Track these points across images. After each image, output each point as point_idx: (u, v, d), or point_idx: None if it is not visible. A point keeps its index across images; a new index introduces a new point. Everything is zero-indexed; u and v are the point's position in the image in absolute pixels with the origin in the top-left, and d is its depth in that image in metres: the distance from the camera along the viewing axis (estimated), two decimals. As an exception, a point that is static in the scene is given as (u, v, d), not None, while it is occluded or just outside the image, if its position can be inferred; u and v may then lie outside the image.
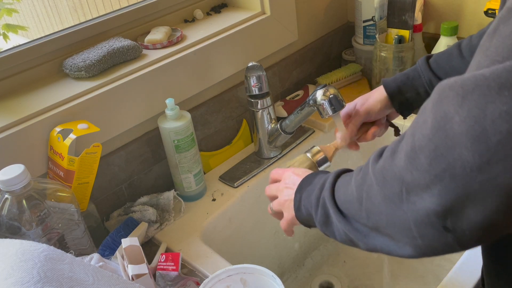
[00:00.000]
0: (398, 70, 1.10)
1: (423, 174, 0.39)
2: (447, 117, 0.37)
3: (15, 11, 1.81)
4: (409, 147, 0.40)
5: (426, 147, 0.38)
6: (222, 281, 0.69)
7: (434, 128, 0.38)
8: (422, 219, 0.40)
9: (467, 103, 0.36)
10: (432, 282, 1.14)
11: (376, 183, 0.45)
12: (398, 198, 0.42)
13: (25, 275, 0.52)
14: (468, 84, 0.37)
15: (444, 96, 0.38)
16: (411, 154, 0.40)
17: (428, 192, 0.38)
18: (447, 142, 0.37)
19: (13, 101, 0.85)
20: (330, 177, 0.57)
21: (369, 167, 0.47)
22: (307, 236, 1.22)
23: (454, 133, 0.36)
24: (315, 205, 0.58)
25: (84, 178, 0.80)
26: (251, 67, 0.97)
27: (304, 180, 0.64)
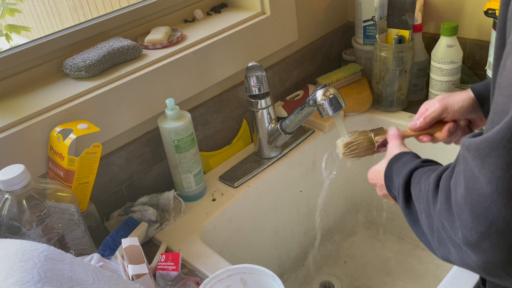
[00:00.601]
0: (398, 70, 1.10)
1: (471, 231, 0.41)
2: (474, 178, 0.39)
3: (18, 11, 1.81)
4: (454, 201, 0.43)
5: (464, 206, 0.41)
6: (222, 281, 0.69)
7: (466, 188, 0.40)
8: (484, 268, 0.42)
9: (487, 166, 0.38)
10: (432, 282, 1.14)
11: (439, 226, 0.47)
12: (458, 247, 0.44)
13: (25, 275, 0.52)
14: (483, 148, 0.39)
15: (467, 156, 0.41)
16: (457, 210, 0.42)
17: (481, 247, 0.41)
18: (482, 203, 0.39)
19: (13, 101, 0.85)
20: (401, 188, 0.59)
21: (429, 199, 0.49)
22: (307, 236, 1.22)
23: (485, 194, 0.38)
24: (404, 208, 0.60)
25: (84, 178, 0.80)
26: (251, 67, 0.97)
27: (387, 179, 0.67)
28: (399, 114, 1.17)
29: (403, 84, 1.13)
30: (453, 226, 0.43)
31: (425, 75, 1.18)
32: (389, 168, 0.66)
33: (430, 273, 1.16)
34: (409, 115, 1.15)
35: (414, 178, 0.58)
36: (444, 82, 1.09)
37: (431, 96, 1.13)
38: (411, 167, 0.60)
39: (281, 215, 1.11)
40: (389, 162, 0.67)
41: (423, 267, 1.18)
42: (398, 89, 1.14)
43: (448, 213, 0.44)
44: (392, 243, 1.26)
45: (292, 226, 1.16)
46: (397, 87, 1.13)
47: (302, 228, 1.19)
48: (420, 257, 1.21)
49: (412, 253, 1.22)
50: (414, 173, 0.58)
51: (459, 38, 1.08)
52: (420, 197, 0.53)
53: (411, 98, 1.20)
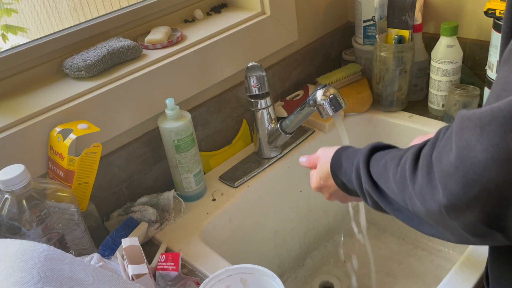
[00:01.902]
0: (398, 70, 1.10)
1: (459, 198, 0.43)
2: (469, 146, 0.41)
3: (15, 11, 1.81)
4: (439, 173, 0.44)
5: (455, 175, 0.42)
6: (222, 281, 0.69)
7: (459, 157, 0.42)
8: (470, 228, 0.44)
9: (486, 134, 0.40)
10: (432, 282, 1.14)
11: (417, 200, 0.48)
12: (440, 215, 0.46)
13: (25, 275, 0.52)
14: (485, 116, 0.40)
15: (464, 126, 0.42)
16: (442, 181, 0.44)
17: (470, 210, 0.43)
18: (475, 169, 0.41)
19: (13, 101, 0.85)
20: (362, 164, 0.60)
21: (406, 175, 0.50)
22: (307, 236, 1.22)
23: (479, 160, 0.40)
24: (361, 194, 0.62)
25: (84, 178, 0.80)
26: (251, 67, 0.97)
27: (333, 165, 0.68)
28: (399, 114, 1.17)
29: (403, 84, 1.13)
30: (434, 197, 0.45)
31: (425, 75, 1.18)
32: (336, 156, 0.68)
33: (430, 273, 1.16)
34: (409, 115, 1.15)
35: (374, 158, 0.60)
36: (444, 82, 1.09)
37: (431, 96, 1.13)
38: (368, 149, 0.62)
39: (281, 215, 1.11)
40: (336, 151, 0.69)
41: (423, 267, 1.18)
42: (398, 89, 1.14)
43: (430, 185, 0.46)
44: (392, 243, 1.26)
45: (292, 226, 1.16)
46: (397, 87, 1.13)
47: (302, 228, 1.19)
48: (420, 257, 1.21)
49: (412, 253, 1.22)
50: (375, 154, 0.60)
51: (459, 38, 1.08)
52: (385, 174, 0.55)
53: (411, 98, 1.20)
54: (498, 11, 0.93)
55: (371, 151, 0.61)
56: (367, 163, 0.60)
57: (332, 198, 0.75)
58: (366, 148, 0.62)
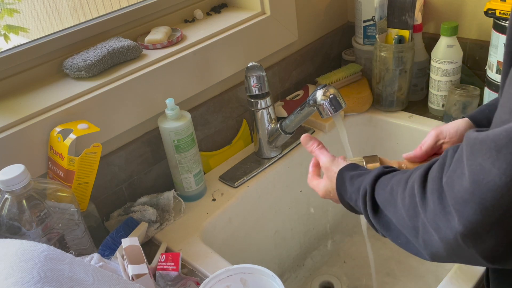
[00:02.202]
0: (398, 70, 1.10)
1: (477, 225, 0.41)
2: (484, 171, 0.40)
3: (17, 11, 1.81)
4: (453, 200, 0.43)
5: (471, 201, 0.41)
6: (222, 281, 0.69)
7: (474, 182, 0.40)
8: (489, 254, 0.43)
9: (503, 157, 0.38)
10: (432, 282, 1.14)
11: (432, 228, 0.47)
12: (456, 244, 0.44)
13: (25, 275, 0.52)
14: (501, 139, 0.39)
15: (476, 149, 0.41)
16: (457, 207, 0.42)
17: (489, 236, 0.41)
18: (494, 194, 0.39)
19: (13, 101, 0.85)
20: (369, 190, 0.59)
21: (416, 201, 0.48)
22: (307, 236, 1.22)
23: (497, 185, 0.39)
24: (368, 221, 0.61)
25: (84, 178, 0.80)
26: (251, 67, 0.97)
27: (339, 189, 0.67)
28: (399, 114, 1.17)
29: (403, 84, 1.13)
30: (449, 225, 0.44)
31: (425, 75, 1.18)
32: (340, 178, 0.67)
33: (430, 273, 1.16)
34: (409, 115, 1.15)
35: (379, 184, 0.58)
36: (444, 82, 1.09)
37: (431, 96, 1.13)
38: (374, 173, 0.60)
39: (281, 215, 1.11)
40: (339, 172, 0.67)
41: (423, 267, 1.18)
42: (398, 89, 1.14)
43: (444, 212, 0.44)
44: (392, 243, 1.25)
45: (292, 226, 1.16)
46: (397, 87, 1.13)
47: (302, 228, 1.19)
48: (420, 257, 1.21)
49: (412, 253, 1.22)
50: (380, 179, 0.58)
51: (459, 38, 1.08)
52: (392, 201, 0.54)
53: (411, 98, 1.20)
54: (498, 11, 0.93)
55: (376, 178, 0.59)
56: (372, 193, 0.58)
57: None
58: (371, 176, 0.60)
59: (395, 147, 1.18)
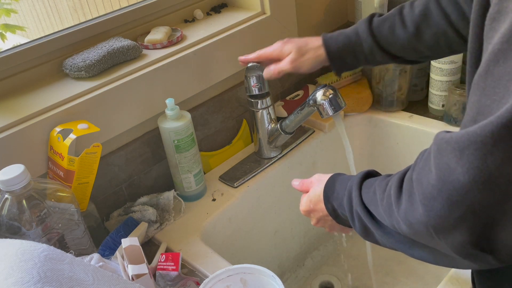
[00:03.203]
0: (398, 70, 1.10)
1: (445, 219, 0.44)
2: (450, 169, 0.43)
3: (14, 11, 1.81)
4: (421, 195, 0.45)
5: (438, 197, 0.43)
6: (222, 281, 0.69)
7: (440, 180, 0.43)
8: (458, 249, 0.45)
9: (466, 157, 0.41)
10: (432, 282, 1.14)
11: (404, 224, 0.49)
12: (429, 237, 0.47)
13: (25, 275, 0.52)
14: (463, 141, 0.42)
15: (442, 149, 0.44)
16: (425, 202, 0.45)
17: (457, 230, 0.43)
18: (458, 191, 0.42)
19: (13, 101, 0.85)
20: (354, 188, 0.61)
21: (392, 201, 0.51)
22: (307, 236, 1.22)
23: (461, 183, 0.42)
24: (350, 217, 0.62)
25: (84, 178, 0.80)
26: (251, 67, 0.97)
27: (327, 189, 0.68)
28: (399, 114, 1.17)
29: (403, 84, 1.13)
30: (420, 220, 0.46)
31: (425, 75, 1.18)
32: (331, 180, 0.69)
33: (430, 273, 1.16)
34: (409, 115, 1.15)
35: (366, 184, 0.61)
36: (444, 82, 1.09)
37: (431, 96, 1.13)
38: (362, 174, 0.63)
39: (281, 215, 1.11)
40: (331, 176, 0.70)
41: (423, 267, 1.18)
42: (398, 89, 1.14)
43: (412, 208, 0.47)
44: (392, 243, 1.26)
45: (292, 226, 1.16)
46: (397, 87, 1.13)
47: (302, 228, 1.19)
48: (420, 257, 1.21)
49: (412, 253, 1.22)
50: (366, 181, 0.61)
51: (459, 38, 1.08)
52: (374, 200, 0.56)
53: (411, 98, 1.20)
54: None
55: (364, 177, 0.62)
56: (359, 188, 0.61)
57: (319, 224, 0.75)
58: (359, 174, 0.63)
59: (395, 147, 1.18)
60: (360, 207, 0.59)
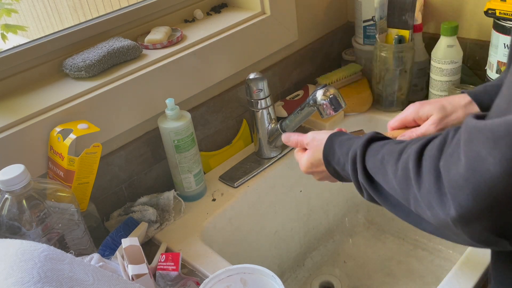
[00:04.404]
0: (398, 70, 1.10)
1: (469, 210, 0.42)
2: (480, 159, 0.40)
3: (15, 11, 1.81)
4: (448, 182, 0.44)
5: (465, 187, 0.42)
6: (222, 281, 0.69)
7: (469, 169, 0.41)
8: (476, 237, 0.44)
9: (499, 147, 0.39)
10: (432, 282, 1.14)
11: (425, 206, 0.47)
12: (446, 224, 0.45)
13: (25, 275, 0.52)
14: (499, 130, 0.39)
15: (473, 137, 0.41)
16: (451, 191, 0.43)
17: (479, 221, 0.42)
18: (487, 182, 0.40)
19: (13, 101, 0.85)
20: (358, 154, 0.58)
21: (410, 175, 0.49)
22: (307, 236, 1.22)
23: (491, 174, 0.40)
24: (357, 186, 0.60)
25: (84, 178, 0.80)
26: (253, 79, 0.97)
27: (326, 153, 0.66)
28: (399, 114, 1.16)
29: (403, 84, 1.13)
30: (443, 207, 0.45)
31: (425, 75, 1.18)
32: (329, 142, 0.66)
33: (430, 273, 1.16)
34: (409, 115, 1.15)
35: (370, 149, 0.58)
36: (444, 82, 1.09)
37: (431, 96, 1.13)
38: (365, 138, 0.59)
39: (281, 215, 1.11)
40: (329, 137, 0.67)
41: (423, 267, 1.18)
42: (398, 89, 1.14)
43: (439, 193, 0.45)
44: (392, 243, 1.26)
45: (292, 226, 1.16)
46: (397, 87, 1.13)
47: (302, 228, 1.19)
48: (420, 257, 1.21)
49: (412, 253, 1.22)
50: (371, 145, 0.58)
51: (459, 38, 1.08)
52: (382, 170, 0.54)
53: (411, 98, 1.20)
54: (498, 11, 0.93)
55: (367, 142, 0.59)
56: (363, 156, 0.58)
57: (323, 179, 0.73)
58: (362, 139, 0.60)
59: (395, 147, 1.17)
60: (364, 178, 0.57)
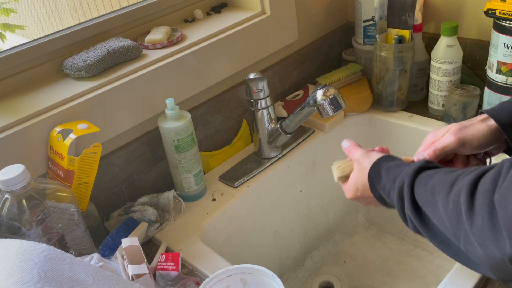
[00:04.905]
0: (398, 70, 1.10)
1: None
2: None
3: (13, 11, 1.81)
4: (504, 220, 0.41)
5: None
6: (222, 281, 0.69)
7: None
8: None
9: None
10: (432, 282, 1.14)
11: (476, 242, 0.45)
12: (502, 263, 0.43)
13: (25, 275, 0.52)
14: None
15: None
16: (508, 229, 0.40)
17: None
18: None
19: (13, 101, 0.85)
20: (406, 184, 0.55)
21: (461, 210, 0.46)
22: (307, 236, 1.22)
23: None
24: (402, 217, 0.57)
25: (84, 178, 0.80)
26: (253, 79, 0.97)
27: (371, 177, 0.63)
28: (399, 114, 1.17)
29: (403, 84, 1.13)
30: (499, 245, 0.42)
31: (425, 75, 1.18)
32: (376, 166, 0.63)
33: (430, 273, 1.16)
34: (409, 115, 1.15)
35: (419, 180, 0.54)
36: (444, 82, 1.09)
37: (431, 96, 1.13)
38: (415, 168, 0.56)
39: (281, 215, 1.11)
40: (375, 161, 0.64)
41: (423, 267, 1.18)
42: (398, 89, 1.14)
43: (493, 230, 0.42)
44: (392, 243, 1.26)
45: (292, 226, 1.16)
46: (397, 87, 1.13)
47: (302, 228, 1.19)
48: (420, 257, 1.21)
49: (412, 253, 1.22)
50: (421, 174, 0.55)
51: (459, 38, 1.08)
52: (433, 201, 0.50)
53: (411, 98, 1.20)
54: (498, 11, 0.93)
55: (417, 172, 0.55)
56: (411, 186, 0.54)
57: (370, 205, 0.70)
58: (412, 168, 0.56)
59: (395, 147, 1.17)
60: (412, 210, 0.53)
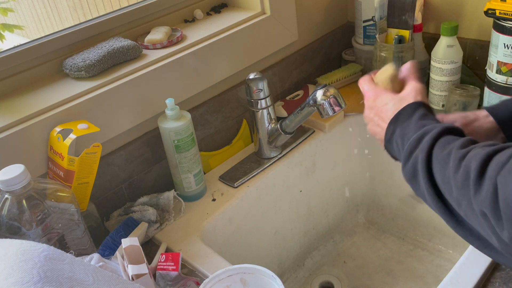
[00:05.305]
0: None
1: None
2: None
3: (11, 10, 1.81)
4: (501, 201, 0.41)
5: None
6: (222, 281, 0.69)
7: None
8: None
9: None
10: (432, 282, 1.14)
11: (476, 209, 0.45)
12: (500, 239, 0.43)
13: (25, 275, 0.52)
14: None
15: None
16: (505, 210, 0.41)
17: None
18: None
19: (13, 101, 0.85)
20: (430, 135, 0.55)
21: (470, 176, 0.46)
22: (307, 236, 1.22)
23: None
24: (406, 156, 0.57)
25: (84, 178, 0.80)
26: (253, 79, 0.97)
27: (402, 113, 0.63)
28: (399, 114, 1.16)
29: (403, 84, 1.13)
30: (498, 223, 0.42)
31: (425, 75, 1.18)
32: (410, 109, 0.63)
33: (430, 273, 1.16)
34: (409, 115, 1.15)
35: (442, 140, 0.54)
36: (444, 82, 1.09)
37: (431, 96, 1.13)
38: (443, 128, 0.55)
39: (281, 215, 1.11)
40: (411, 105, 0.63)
41: (423, 267, 1.18)
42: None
43: (494, 208, 0.43)
44: (392, 243, 1.26)
45: (292, 226, 1.16)
46: (397, 87, 1.13)
47: (302, 228, 1.19)
48: (420, 257, 1.21)
49: (412, 253, 1.22)
50: (444, 137, 0.54)
51: (459, 38, 1.08)
52: (444, 162, 0.50)
53: (411, 98, 1.20)
54: (498, 11, 0.93)
55: (444, 132, 0.55)
56: (434, 139, 0.54)
57: (372, 128, 0.72)
58: (440, 127, 0.56)
59: (395, 147, 1.17)
60: (424, 156, 0.53)
